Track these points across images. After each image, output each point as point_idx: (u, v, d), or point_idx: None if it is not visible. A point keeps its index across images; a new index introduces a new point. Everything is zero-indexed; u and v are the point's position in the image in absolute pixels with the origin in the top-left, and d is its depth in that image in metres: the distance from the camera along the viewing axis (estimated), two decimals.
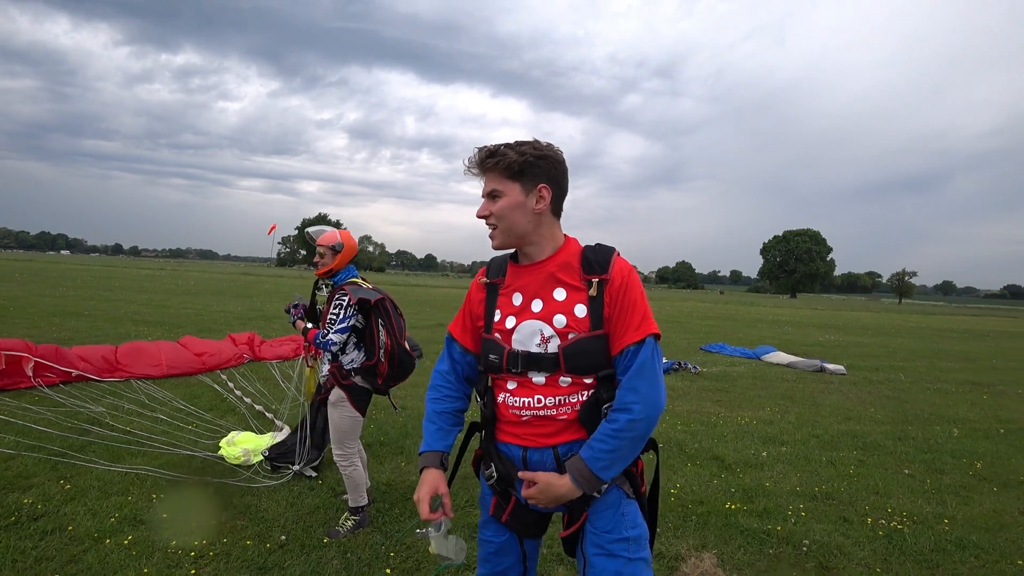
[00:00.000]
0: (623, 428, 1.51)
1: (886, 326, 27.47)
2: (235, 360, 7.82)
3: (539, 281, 1.65)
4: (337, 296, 3.29)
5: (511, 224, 1.62)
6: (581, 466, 1.55)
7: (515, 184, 1.61)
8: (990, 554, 3.54)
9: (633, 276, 1.62)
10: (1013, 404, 8.70)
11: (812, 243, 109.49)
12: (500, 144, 1.62)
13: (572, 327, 1.58)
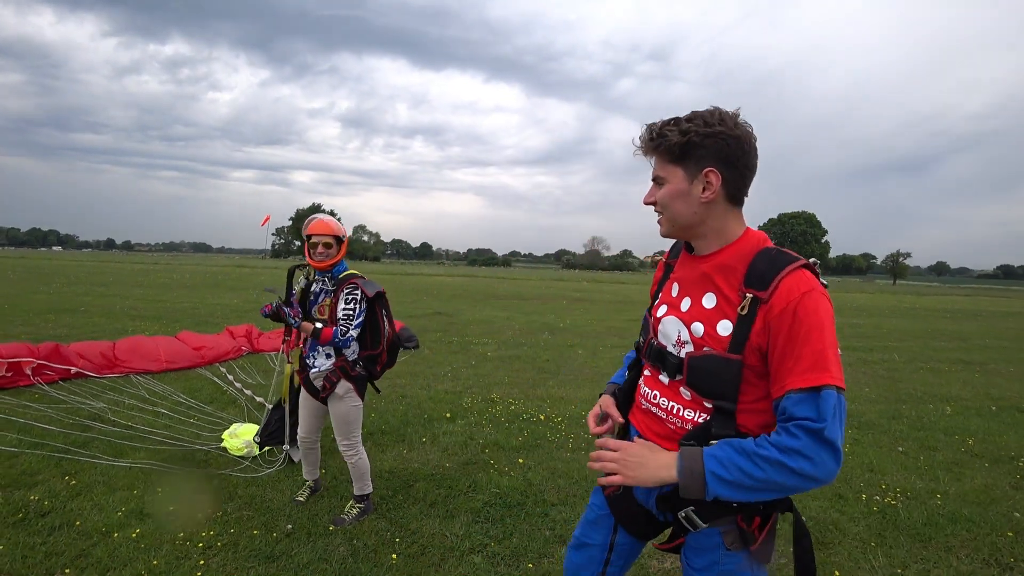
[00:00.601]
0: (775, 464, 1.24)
1: (880, 307, 27.64)
2: (234, 353, 7.85)
3: (694, 278, 1.47)
4: (348, 290, 3.20)
5: (674, 214, 1.42)
6: (696, 455, 1.32)
7: (678, 169, 1.39)
8: (981, 527, 3.63)
9: (809, 302, 1.27)
10: (1004, 382, 8.82)
11: (807, 225, 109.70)
12: (670, 119, 1.39)
13: (708, 341, 1.38)
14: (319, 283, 3.31)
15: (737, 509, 1.39)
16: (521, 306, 18.65)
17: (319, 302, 3.29)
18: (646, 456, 1.39)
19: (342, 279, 3.25)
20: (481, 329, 12.04)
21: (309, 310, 3.31)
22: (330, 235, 3.19)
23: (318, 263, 3.19)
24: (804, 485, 1.25)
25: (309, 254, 3.21)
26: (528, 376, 7.53)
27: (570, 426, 5.32)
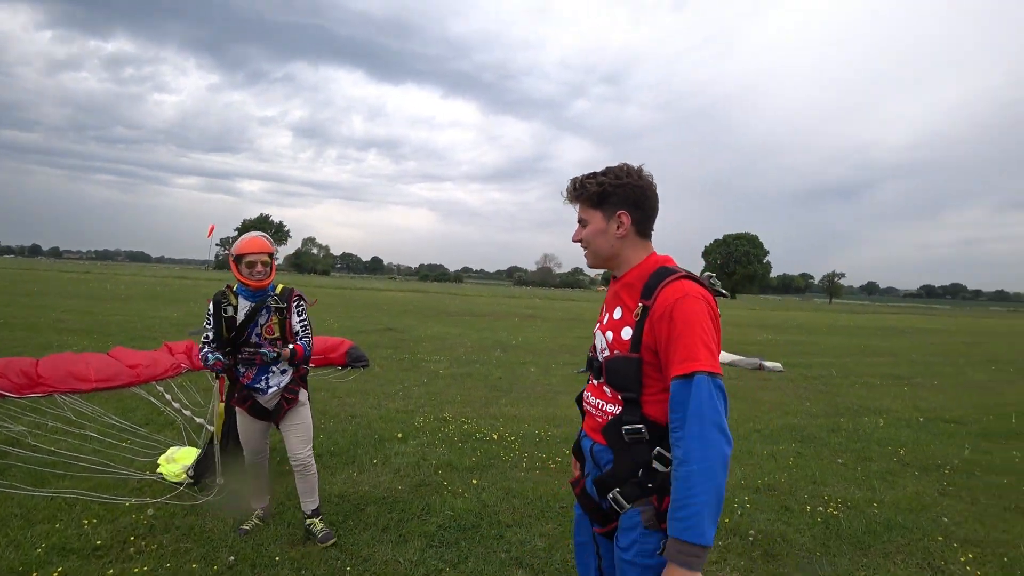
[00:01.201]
0: (695, 483, 1.44)
1: (818, 325, 28.97)
2: (172, 371, 7.42)
3: (611, 297, 1.79)
4: (297, 303, 3.26)
5: (596, 248, 1.76)
6: (677, 545, 1.46)
7: (597, 212, 1.73)
8: (914, 533, 3.83)
9: (683, 305, 1.54)
10: (930, 395, 9.36)
11: (750, 246, 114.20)
12: (588, 174, 1.74)
13: (616, 345, 1.68)
14: (252, 303, 3.20)
15: (653, 490, 1.61)
16: (473, 323, 18.57)
17: (264, 322, 3.20)
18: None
19: (284, 293, 3.24)
20: (433, 346, 11.90)
21: (248, 334, 3.18)
22: (267, 253, 3.14)
23: (257, 283, 3.11)
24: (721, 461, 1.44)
25: (243, 274, 3.11)
26: (481, 394, 7.47)
27: (524, 445, 5.29)
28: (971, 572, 3.35)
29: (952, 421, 7.36)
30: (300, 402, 3.30)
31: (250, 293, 3.16)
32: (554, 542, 3.42)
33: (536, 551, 3.31)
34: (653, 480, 1.60)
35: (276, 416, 3.28)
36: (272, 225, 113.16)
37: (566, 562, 3.20)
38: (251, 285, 3.10)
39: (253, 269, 3.09)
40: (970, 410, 8.17)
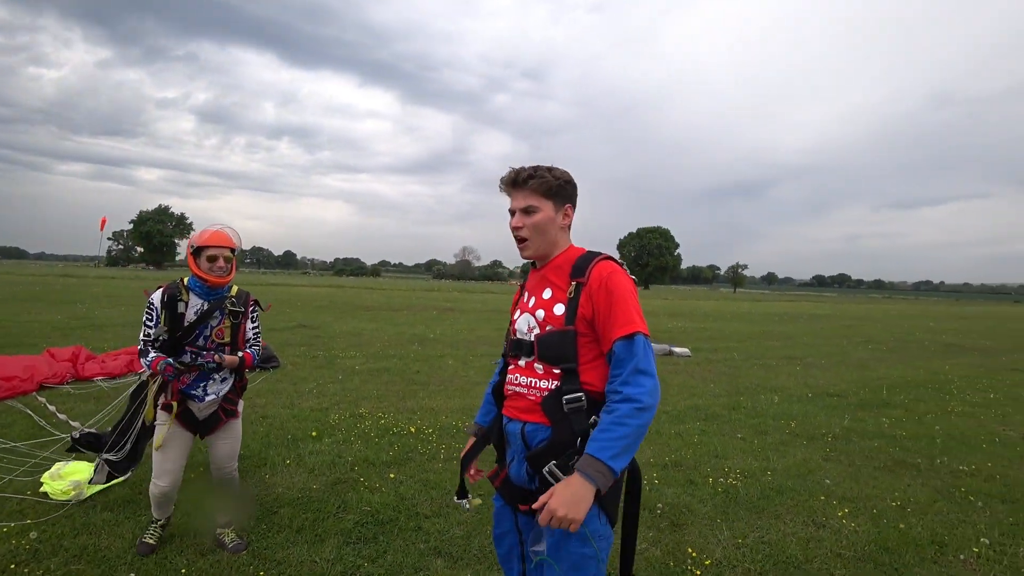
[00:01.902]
0: (628, 415, 1.59)
1: (723, 312, 30.87)
2: (55, 379, 6.76)
3: (536, 282, 1.92)
4: (253, 308, 3.09)
5: (543, 236, 1.86)
6: (589, 460, 1.59)
7: (548, 202, 1.85)
8: (801, 494, 4.22)
9: (614, 278, 1.73)
10: (819, 373, 10.27)
11: (662, 239, 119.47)
12: (538, 167, 1.85)
13: (549, 321, 1.80)
14: (206, 303, 2.94)
15: None
16: (391, 317, 18.25)
17: (216, 325, 2.95)
18: (573, 492, 1.59)
19: (240, 296, 3.02)
20: (348, 342, 11.59)
21: (196, 335, 2.92)
22: (231, 247, 2.90)
23: (217, 279, 2.87)
24: (650, 411, 1.61)
25: (202, 269, 2.87)
26: (398, 388, 7.38)
27: (441, 437, 5.29)
28: (847, 524, 3.74)
29: (835, 395, 8.13)
30: (237, 413, 3.10)
31: (206, 290, 2.91)
32: (472, 530, 3.46)
33: (455, 540, 3.34)
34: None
35: (208, 429, 3.02)
36: (173, 217, 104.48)
37: (484, 548, 3.25)
38: (211, 281, 2.86)
39: (214, 264, 2.86)
40: (850, 385, 9.05)
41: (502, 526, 2.01)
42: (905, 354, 13.83)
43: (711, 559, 3.22)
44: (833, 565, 3.24)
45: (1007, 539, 3.65)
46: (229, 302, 2.98)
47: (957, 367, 11.85)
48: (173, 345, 2.88)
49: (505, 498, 1.94)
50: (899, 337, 18.56)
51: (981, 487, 4.56)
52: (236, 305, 2.99)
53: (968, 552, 3.45)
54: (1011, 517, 3.99)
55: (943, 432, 6.25)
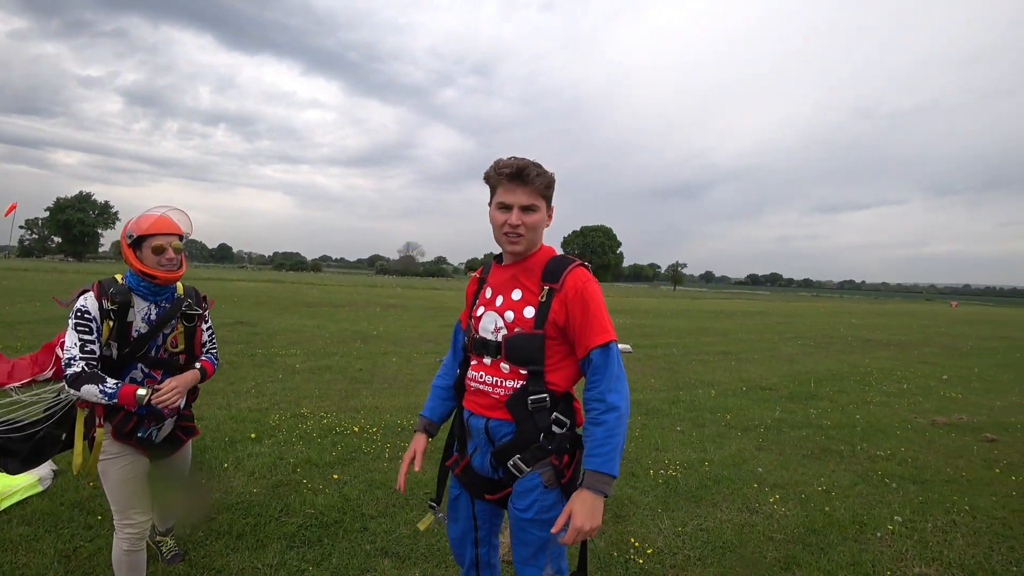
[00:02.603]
0: (616, 424, 1.71)
1: (663, 309, 31.84)
2: None
3: (504, 280, 1.91)
4: (206, 307, 2.61)
5: (535, 236, 1.85)
6: (596, 476, 1.69)
7: (543, 202, 1.83)
8: (736, 483, 4.44)
9: (589, 288, 1.79)
10: (752, 367, 10.76)
11: (605, 238, 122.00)
12: (533, 162, 1.79)
13: (518, 323, 1.82)
14: (155, 306, 2.39)
15: (552, 451, 1.81)
16: (332, 313, 17.81)
17: (171, 332, 2.43)
18: (587, 505, 1.68)
19: (191, 294, 2.53)
20: (288, 339, 11.24)
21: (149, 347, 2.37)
22: (180, 234, 2.37)
23: (168, 273, 2.32)
24: (628, 413, 1.75)
25: (146, 263, 2.30)
26: (340, 387, 7.22)
27: (386, 436, 5.22)
28: (777, 509, 3.97)
29: (767, 388, 8.55)
30: (196, 431, 2.71)
31: (153, 290, 2.35)
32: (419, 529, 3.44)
33: (402, 539, 3.31)
34: (552, 442, 1.81)
35: (166, 453, 2.54)
36: (96, 205, 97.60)
37: (432, 547, 3.24)
38: (160, 277, 2.29)
39: (162, 256, 2.29)
40: (781, 378, 9.54)
41: (459, 512, 2.06)
42: (830, 349, 14.69)
43: (652, 548, 3.34)
44: (765, 548, 3.42)
45: (917, 516, 3.96)
46: (185, 304, 2.47)
47: (876, 360, 12.71)
48: (117, 363, 2.32)
49: (466, 486, 1.99)
50: (825, 333, 19.70)
51: (895, 470, 4.93)
52: (192, 307, 2.49)
53: (884, 530, 3.72)
54: (920, 496, 4.33)
55: (863, 421, 6.70)
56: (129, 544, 2.39)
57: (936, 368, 11.80)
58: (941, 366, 12.15)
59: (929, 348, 16.16)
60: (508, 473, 1.84)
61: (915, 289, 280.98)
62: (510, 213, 1.79)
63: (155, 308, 2.39)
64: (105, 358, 2.30)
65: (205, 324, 2.62)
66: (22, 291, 18.77)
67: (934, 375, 10.79)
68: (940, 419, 6.94)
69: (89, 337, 2.25)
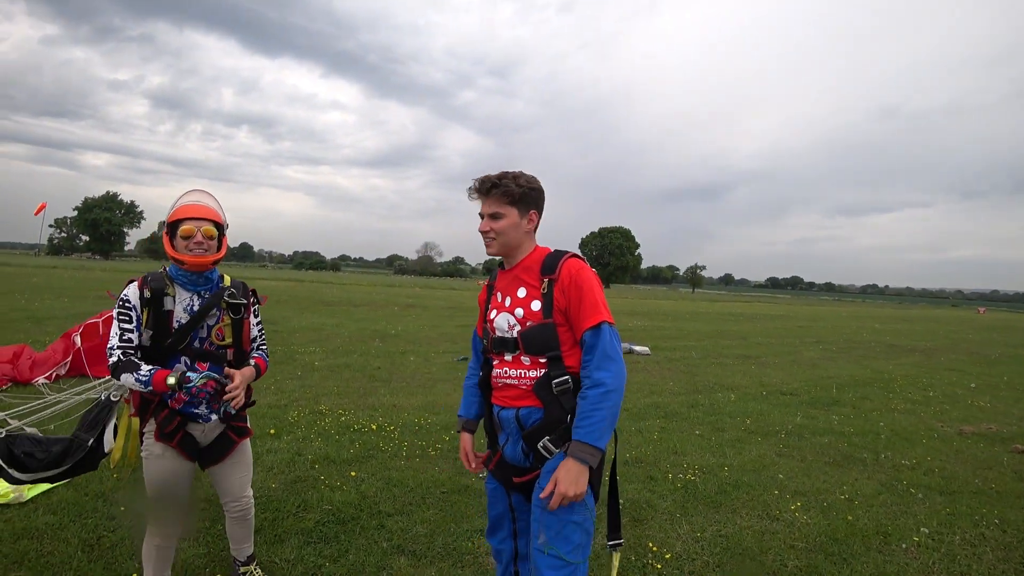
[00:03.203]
0: (600, 399, 1.85)
1: (682, 312, 31.55)
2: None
3: (508, 282, 2.10)
4: (254, 300, 2.54)
5: (508, 239, 2.05)
6: (578, 445, 1.85)
7: (513, 209, 2.02)
8: (756, 489, 4.36)
9: (582, 274, 1.95)
10: (772, 371, 10.61)
11: (623, 239, 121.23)
12: (501, 174, 2.02)
13: (528, 318, 2.00)
14: (197, 296, 2.35)
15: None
16: (351, 312, 17.97)
17: (215, 324, 2.37)
18: (571, 473, 1.85)
19: (238, 286, 2.46)
20: (308, 337, 11.35)
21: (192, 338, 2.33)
22: (213, 221, 2.32)
23: (196, 259, 2.26)
24: (617, 392, 1.87)
25: (178, 249, 2.28)
26: (359, 385, 7.27)
27: (403, 434, 5.24)
28: (799, 517, 3.89)
29: (788, 393, 8.41)
30: (249, 432, 2.58)
31: (192, 278, 2.32)
32: (436, 527, 3.44)
33: (418, 537, 3.31)
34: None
35: (215, 457, 2.44)
36: (122, 205, 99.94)
37: (448, 546, 3.24)
38: (188, 263, 2.26)
39: (191, 240, 2.25)
40: (802, 383, 9.38)
41: (497, 508, 2.21)
42: (853, 354, 14.42)
43: (671, 553, 3.29)
44: (786, 556, 3.36)
45: (944, 528, 3.85)
46: (228, 294, 2.40)
47: (900, 367, 12.44)
48: (161, 354, 2.28)
49: (499, 478, 2.16)
50: (848, 338, 19.35)
51: (921, 480, 4.81)
52: (237, 296, 2.42)
53: (909, 541, 3.63)
54: (948, 508, 4.22)
55: (887, 428, 6.56)
56: (161, 539, 2.41)
57: (963, 376, 11.52)
58: (968, 373, 11.85)
59: (955, 355, 15.78)
60: (538, 457, 1.99)
61: (940, 294, 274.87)
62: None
63: (197, 298, 2.35)
64: (145, 348, 2.27)
65: (255, 319, 2.55)
66: (51, 288, 19.24)
67: (961, 383, 10.52)
68: (968, 428, 6.76)
69: (128, 326, 2.24)
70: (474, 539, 3.33)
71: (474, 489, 4.04)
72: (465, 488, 4.05)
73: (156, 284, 2.28)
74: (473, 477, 4.26)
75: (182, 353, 2.31)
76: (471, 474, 4.32)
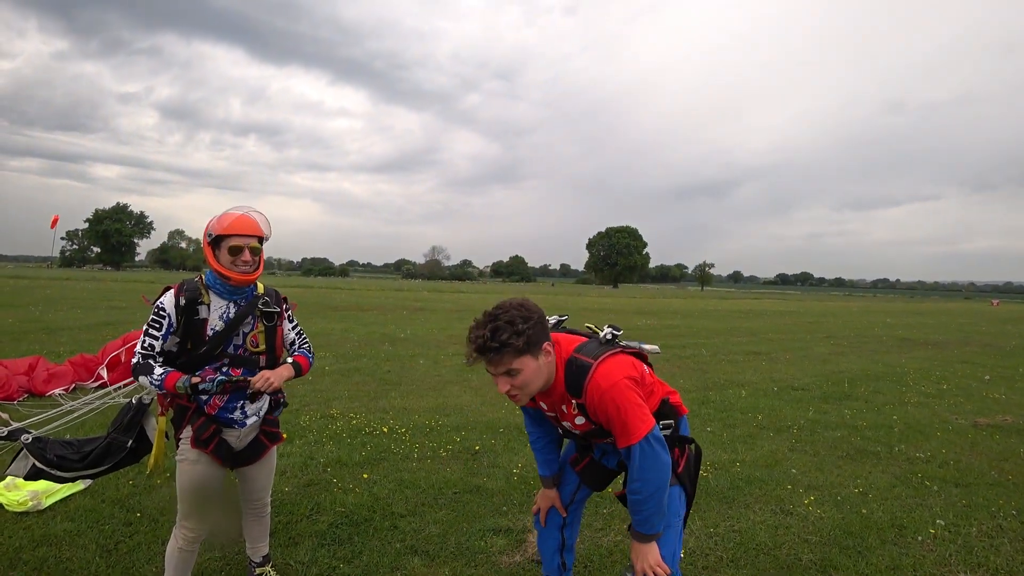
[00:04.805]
0: (639, 504, 1.94)
1: (691, 310, 31.42)
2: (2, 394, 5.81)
3: (555, 400, 2.09)
4: (287, 307, 2.63)
5: (534, 387, 1.96)
6: (635, 532, 1.99)
7: (527, 357, 1.89)
8: (769, 484, 4.34)
9: (607, 397, 1.90)
10: (783, 367, 10.54)
11: (631, 239, 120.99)
12: (495, 328, 1.84)
13: (582, 428, 2.11)
14: (233, 304, 2.41)
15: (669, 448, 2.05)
16: (360, 317, 18.05)
17: (250, 331, 2.44)
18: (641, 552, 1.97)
19: (271, 294, 2.53)
20: (317, 342, 11.41)
21: (227, 345, 2.39)
22: (258, 236, 2.38)
23: (243, 276, 2.33)
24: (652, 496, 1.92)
25: (222, 263, 2.33)
26: (369, 388, 7.30)
27: (415, 436, 5.26)
28: (813, 511, 3.87)
29: (799, 389, 8.36)
30: (281, 437, 2.66)
31: (229, 289, 2.37)
32: (448, 527, 3.46)
33: (431, 538, 3.33)
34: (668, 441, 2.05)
35: (247, 459, 2.50)
36: (132, 216, 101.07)
37: (461, 545, 3.25)
38: (234, 279, 2.32)
39: (238, 257, 2.31)
40: (813, 379, 9.32)
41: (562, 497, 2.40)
42: (864, 349, 14.31)
43: (684, 549, 3.28)
44: (800, 550, 3.34)
45: (960, 520, 3.82)
46: (261, 302, 2.47)
47: (912, 360, 12.32)
48: (195, 361, 2.35)
49: (586, 481, 2.33)
50: (859, 333, 19.20)
51: (936, 473, 4.76)
52: (270, 304, 2.48)
53: (925, 534, 3.60)
54: (963, 500, 4.18)
55: (900, 422, 6.50)
56: (184, 543, 2.46)
57: (977, 368, 11.39)
58: (982, 366, 11.72)
59: (969, 347, 15.62)
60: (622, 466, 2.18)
61: (953, 287, 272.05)
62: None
63: (233, 307, 2.40)
64: (172, 354, 2.34)
65: (290, 324, 2.62)
66: (64, 299, 19.46)
67: (975, 375, 10.41)
68: (983, 420, 6.69)
69: (156, 332, 2.30)
70: (486, 538, 3.34)
71: (486, 489, 4.05)
72: (477, 488, 4.06)
73: (191, 293, 2.33)
74: (485, 477, 4.27)
75: (217, 359, 2.37)
76: (483, 474, 4.33)
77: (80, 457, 2.82)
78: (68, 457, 2.82)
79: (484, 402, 6.76)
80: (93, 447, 2.81)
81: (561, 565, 2.42)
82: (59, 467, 2.77)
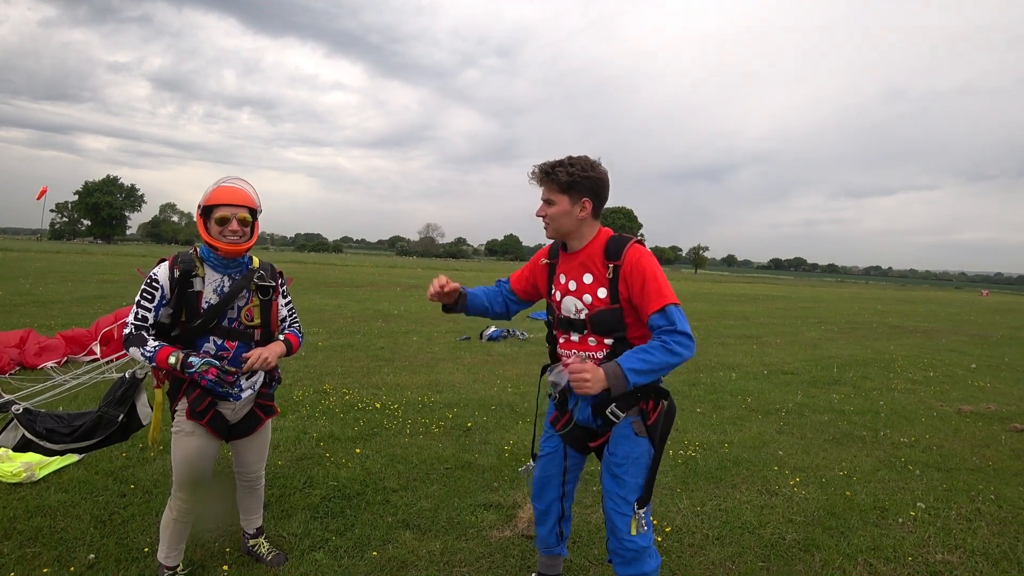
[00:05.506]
0: (657, 348, 1.99)
1: (684, 292, 31.52)
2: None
3: (574, 267, 2.21)
4: (283, 282, 2.63)
5: (559, 225, 2.16)
6: (614, 365, 1.99)
7: (564, 196, 2.12)
8: (756, 465, 4.42)
9: (643, 260, 2.07)
10: (773, 351, 10.65)
11: (626, 220, 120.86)
12: (558, 161, 2.11)
13: (596, 304, 2.15)
14: (227, 277, 2.40)
15: (639, 398, 2.14)
16: (354, 293, 18.03)
17: (244, 305, 2.43)
18: (598, 372, 2.00)
19: (267, 268, 2.53)
20: (311, 318, 11.41)
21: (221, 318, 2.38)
22: (248, 207, 2.35)
23: (230, 246, 2.30)
24: (679, 357, 1.99)
25: (211, 234, 2.31)
26: (362, 364, 7.33)
27: (407, 412, 5.30)
28: (798, 492, 3.94)
29: (789, 372, 8.46)
30: (276, 410, 2.69)
31: (223, 262, 2.37)
32: (439, 502, 3.50)
33: (423, 512, 3.37)
34: (641, 391, 2.12)
35: (242, 432, 2.54)
36: (123, 188, 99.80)
37: (452, 519, 3.30)
38: (222, 250, 2.30)
39: (226, 227, 2.28)
40: (803, 363, 9.43)
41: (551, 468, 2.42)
42: (854, 335, 14.45)
43: (671, 526, 3.35)
44: (785, 529, 3.41)
45: (941, 504, 3.91)
46: (257, 276, 2.46)
47: (901, 347, 12.47)
48: (190, 334, 2.34)
49: (570, 442, 2.35)
50: (849, 319, 19.37)
51: (919, 457, 4.86)
52: (265, 279, 2.49)
53: (906, 516, 3.68)
54: (944, 484, 4.27)
55: (887, 407, 6.60)
56: (177, 514, 2.49)
57: (964, 356, 11.55)
58: (969, 354, 11.88)
59: (957, 336, 15.80)
60: (606, 421, 2.17)
61: (944, 276, 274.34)
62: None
63: (227, 280, 2.40)
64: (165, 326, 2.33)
65: (284, 299, 2.63)
66: (53, 272, 19.29)
67: (962, 363, 10.55)
68: (967, 407, 6.81)
69: (147, 304, 2.30)
70: (477, 513, 3.40)
71: (477, 465, 4.10)
72: (468, 464, 4.11)
73: (186, 265, 2.33)
74: (476, 454, 4.32)
75: (211, 332, 2.38)
76: (474, 451, 4.38)
77: (70, 431, 2.86)
78: (58, 430, 2.86)
79: (476, 380, 6.80)
80: (83, 421, 2.83)
81: (559, 534, 2.53)
82: (48, 439, 2.81)
